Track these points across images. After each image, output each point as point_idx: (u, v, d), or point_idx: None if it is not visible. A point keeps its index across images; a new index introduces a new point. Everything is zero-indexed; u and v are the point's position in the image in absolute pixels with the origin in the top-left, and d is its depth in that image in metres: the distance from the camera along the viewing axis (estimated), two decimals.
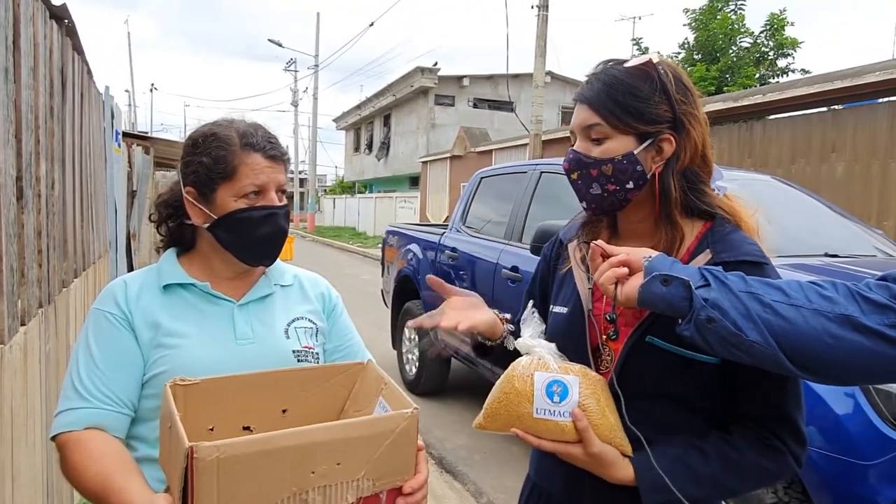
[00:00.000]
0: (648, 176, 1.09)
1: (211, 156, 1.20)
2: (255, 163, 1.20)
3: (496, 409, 1.07)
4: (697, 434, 1.07)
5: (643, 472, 1.03)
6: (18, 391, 1.77)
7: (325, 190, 46.23)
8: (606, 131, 1.08)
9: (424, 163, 21.86)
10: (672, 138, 1.07)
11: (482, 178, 5.09)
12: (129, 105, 35.34)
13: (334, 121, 37.37)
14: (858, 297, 0.89)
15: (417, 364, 5.25)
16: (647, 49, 15.72)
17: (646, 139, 1.07)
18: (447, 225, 5.43)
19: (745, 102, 8.64)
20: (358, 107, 32.75)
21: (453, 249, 4.81)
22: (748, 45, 14.59)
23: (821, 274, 2.63)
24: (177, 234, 1.33)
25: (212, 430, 1.09)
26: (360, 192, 33.76)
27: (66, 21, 3.22)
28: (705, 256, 1.07)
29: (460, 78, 25.47)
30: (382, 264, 6.44)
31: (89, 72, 3.55)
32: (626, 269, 1.00)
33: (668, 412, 1.08)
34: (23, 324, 1.89)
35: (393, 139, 29.06)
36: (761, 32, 14.40)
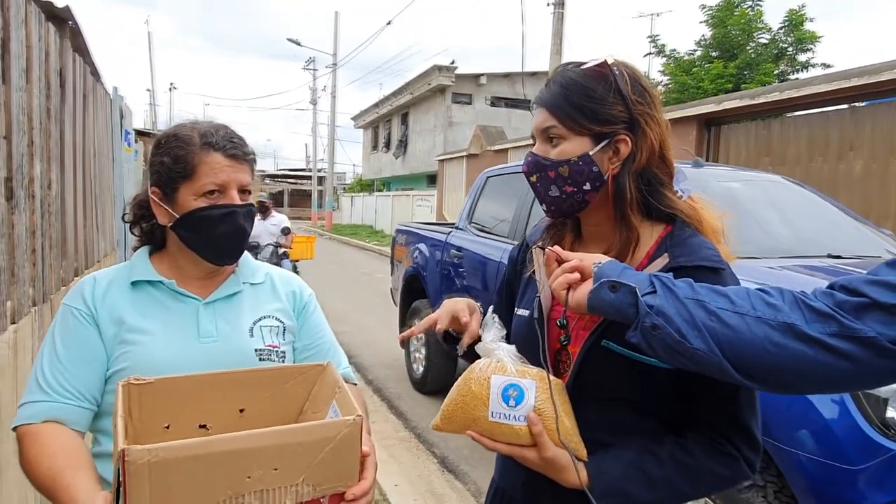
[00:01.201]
0: (605, 177, 1.08)
1: (171, 155, 1.22)
2: (214, 162, 1.21)
3: (453, 410, 1.07)
4: (652, 437, 1.06)
5: (596, 476, 1.02)
6: (7, 388, 1.80)
7: (345, 188, 46.49)
8: (562, 133, 1.08)
9: (441, 161, 21.85)
10: (628, 139, 1.07)
11: (488, 177, 5.08)
12: (150, 104, 35.85)
13: (353, 119, 37.52)
14: (802, 304, 0.87)
15: (425, 363, 5.26)
16: (662, 46, 15.55)
17: (601, 140, 1.07)
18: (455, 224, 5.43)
19: (762, 100, 8.50)
20: (376, 105, 32.85)
21: (458, 248, 4.81)
22: (766, 42, 14.36)
23: (825, 274, 2.58)
24: (149, 233, 1.35)
25: (167, 427, 1.10)
26: (379, 191, 33.89)
27: (70, 23, 3.28)
28: (662, 261, 1.06)
29: (478, 76, 25.43)
30: (392, 263, 6.46)
31: (94, 72, 3.60)
32: (578, 275, 0.99)
33: (624, 415, 1.08)
34: (13, 322, 1.93)
35: (410, 137, 29.10)
36: (780, 28, 14.18)
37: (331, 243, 22.93)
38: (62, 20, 3.22)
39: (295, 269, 8.25)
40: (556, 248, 1.05)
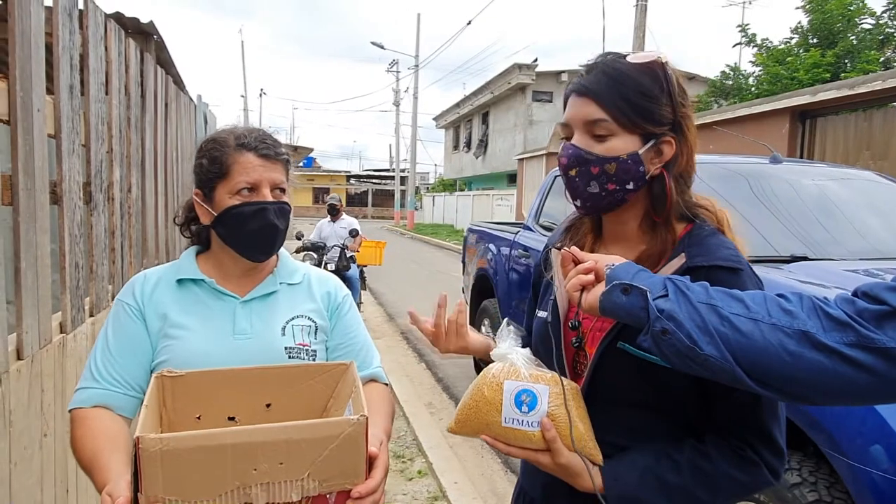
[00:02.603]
0: (647, 177, 1.06)
1: (208, 157, 1.29)
2: (247, 161, 1.27)
3: (467, 415, 1.07)
4: (670, 440, 1.04)
5: (611, 482, 1.01)
6: None
7: (428, 188, 47.20)
8: (613, 128, 1.04)
9: (521, 160, 21.73)
10: (673, 140, 1.04)
11: (556, 175, 5.01)
12: (244, 109, 37.70)
13: (434, 119, 37.96)
14: (821, 312, 0.82)
15: None
16: (753, 36, 14.75)
17: (649, 139, 1.04)
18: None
19: (863, 90, 7.92)
20: (457, 105, 33.08)
21: (525, 248, 4.78)
22: (870, 27, 13.32)
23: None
24: (198, 234, 1.43)
25: (199, 418, 1.17)
26: (461, 190, 34.14)
27: (155, 37, 3.51)
28: (679, 260, 1.03)
29: (559, 73, 25.06)
30: (463, 262, 6.50)
31: (177, 82, 3.84)
32: (592, 277, 0.98)
33: (641, 418, 1.06)
34: (91, 315, 2.10)
35: (491, 137, 29.10)
36: (885, 12, 13.12)
37: (412, 242, 23.30)
38: (148, 35, 3.46)
39: (362, 275, 8.14)
40: (574, 248, 1.03)
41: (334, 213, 7.61)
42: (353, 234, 7.44)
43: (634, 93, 1.02)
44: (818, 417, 2.01)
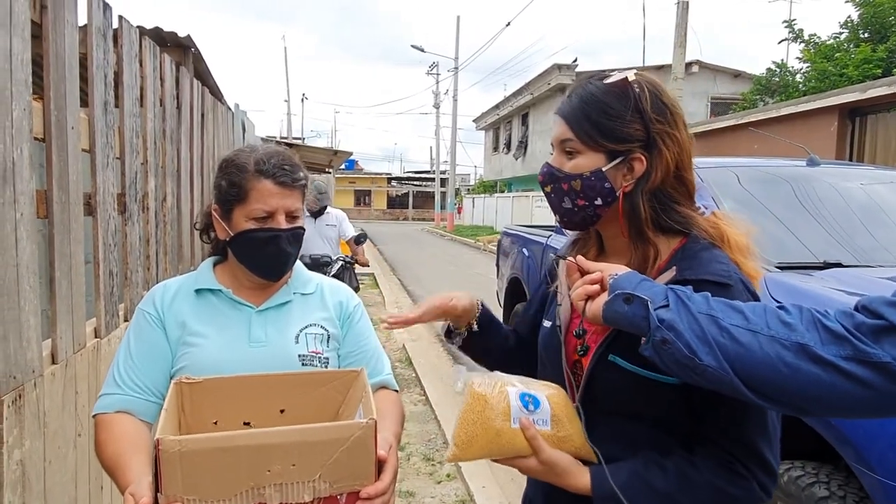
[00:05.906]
0: (617, 193, 1.08)
1: (228, 179, 1.34)
2: (264, 189, 1.32)
3: (472, 431, 1.02)
4: (664, 451, 1.04)
5: (599, 483, 1.01)
6: None
7: (468, 189, 47.31)
8: (577, 147, 1.09)
9: None
10: (643, 158, 1.06)
11: None
12: (287, 114, 38.43)
13: (474, 121, 37.95)
14: (819, 325, 0.83)
15: None
16: (800, 31, 14.29)
17: (615, 157, 1.07)
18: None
19: None
20: (496, 107, 33.00)
21: (555, 251, 4.76)
22: None
23: None
24: (215, 243, 1.49)
25: (216, 423, 1.22)
26: (502, 192, 34.09)
27: (193, 50, 3.64)
28: (669, 274, 1.04)
29: None
30: (497, 265, 6.50)
31: (214, 92, 3.96)
32: (597, 287, 0.99)
33: (634, 431, 1.07)
34: (125, 320, 2.19)
35: (530, 138, 28.93)
36: None
37: (451, 244, 23.36)
38: (186, 48, 3.59)
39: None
40: (579, 258, 1.05)
41: (320, 210, 5.14)
42: (361, 240, 5.32)
43: (598, 112, 1.07)
44: (846, 432, 1.96)
